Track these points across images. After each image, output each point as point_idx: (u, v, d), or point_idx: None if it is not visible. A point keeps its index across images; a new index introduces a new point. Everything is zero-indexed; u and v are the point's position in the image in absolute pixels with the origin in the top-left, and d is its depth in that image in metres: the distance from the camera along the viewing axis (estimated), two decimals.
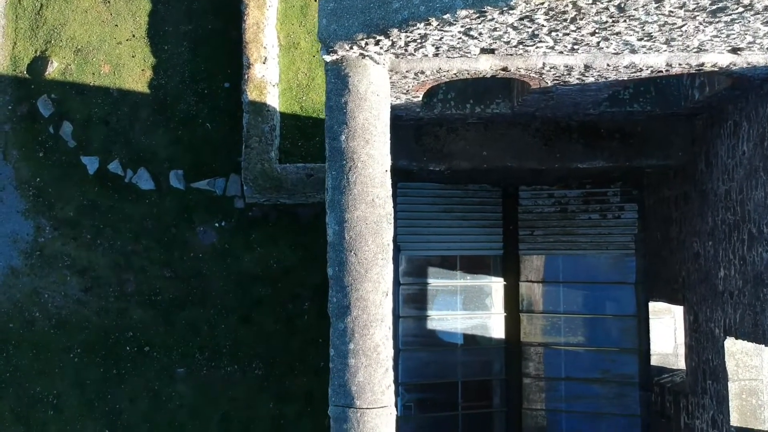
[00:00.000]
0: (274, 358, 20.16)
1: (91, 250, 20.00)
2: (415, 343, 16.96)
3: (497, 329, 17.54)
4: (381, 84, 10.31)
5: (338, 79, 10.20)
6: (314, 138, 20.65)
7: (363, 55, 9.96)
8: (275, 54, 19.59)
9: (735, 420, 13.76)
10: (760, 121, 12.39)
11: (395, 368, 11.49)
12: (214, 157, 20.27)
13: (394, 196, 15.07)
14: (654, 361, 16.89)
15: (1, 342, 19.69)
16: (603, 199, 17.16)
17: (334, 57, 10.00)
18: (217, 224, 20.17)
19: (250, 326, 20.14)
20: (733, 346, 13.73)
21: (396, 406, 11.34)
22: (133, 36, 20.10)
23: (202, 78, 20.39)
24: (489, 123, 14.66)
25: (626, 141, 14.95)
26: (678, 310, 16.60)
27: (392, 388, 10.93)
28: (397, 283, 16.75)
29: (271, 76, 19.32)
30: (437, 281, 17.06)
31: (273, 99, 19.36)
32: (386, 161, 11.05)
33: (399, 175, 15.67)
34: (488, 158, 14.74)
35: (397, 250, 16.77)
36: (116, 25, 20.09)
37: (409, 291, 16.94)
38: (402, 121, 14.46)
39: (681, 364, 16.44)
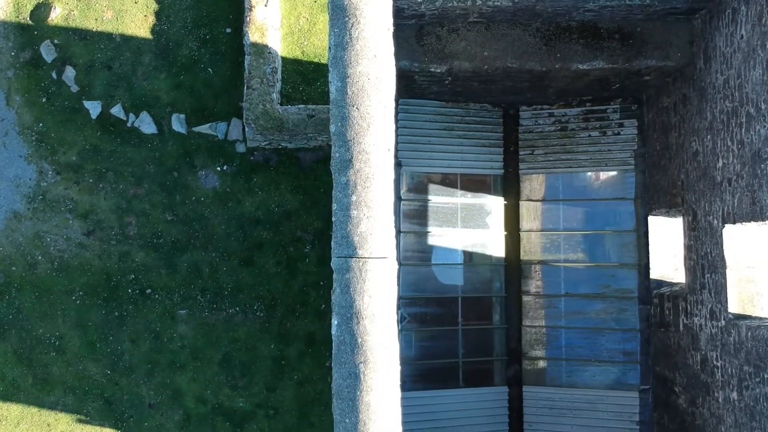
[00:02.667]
0: (275, 301, 20.22)
1: (94, 194, 20.12)
2: (415, 258, 17.06)
3: (497, 248, 17.66)
4: None
5: None
6: (316, 82, 20.87)
7: None
8: None
9: (733, 308, 13.86)
10: (758, 1, 12.61)
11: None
12: (216, 101, 20.46)
13: (395, 112, 15.23)
14: (653, 275, 16.97)
15: (3, 285, 19.72)
16: (603, 116, 17.36)
17: None
18: (218, 168, 20.31)
19: (252, 269, 20.21)
20: (731, 234, 13.85)
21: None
22: None
23: (204, 23, 20.64)
24: (490, 23, 14.89)
25: (625, 42, 15.19)
26: (677, 224, 16.75)
27: (394, 241, 11.04)
28: (398, 198, 16.90)
29: (273, 20, 19.57)
30: (438, 198, 17.19)
31: (274, 42, 19.60)
32: (389, 20, 11.25)
33: (400, 90, 15.85)
34: (489, 59, 14.95)
35: (398, 165, 16.94)
36: None
37: (410, 207, 17.07)
38: (403, 19, 14.69)
39: (680, 278, 16.54)
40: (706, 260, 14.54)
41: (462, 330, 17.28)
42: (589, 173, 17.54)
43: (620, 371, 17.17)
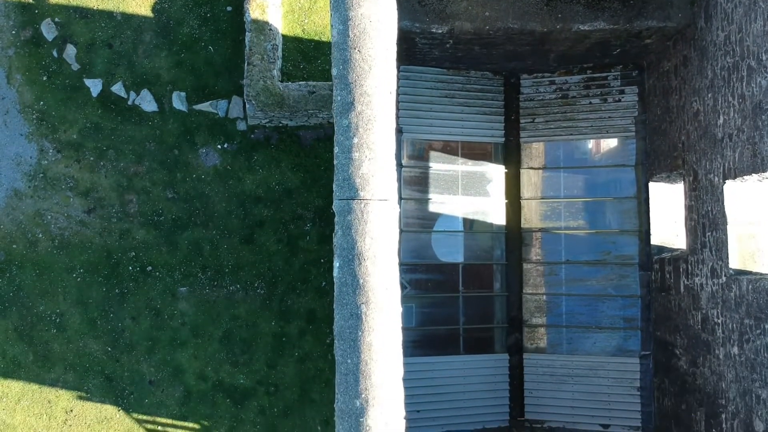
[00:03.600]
0: (276, 278, 20.23)
1: (94, 171, 20.16)
2: (416, 225, 17.08)
3: (498, 215, 17.69)
4: None
5: None
6: (316, 60, 20.94)
7: None
8: None
9: (734, 264, 13.88)
10: None
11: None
12: (217, 79, 20.53)
13: (396, 79, 15.27)
14: (654, 242, 17.00)
15: (4, 263, 19.73)
16: (603, 83, 17.41)
17: None
18: (219, 146, 20.35)
19: (253, 246, 20.23)
20: (732, 190, 13.90)
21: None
22: None
23: (204, 1, 20.72)
24: None
25: (626, 2, 15.25)
26: (678, 190, 16.80)
27: (395, 184, 11.08)
28: (399, 165, 16.94)
29: None
30: (438, 165, 17.23)
31: (275, 19, 19.67)
32: None
33: (401, 56, 15.90)
34: (490, 19, 15.00)
35: (399, 132, 16.99)
36: None
37: (411, 174, 17.11)
38: None
39: (681, 244, 16.57)
40: (707, 218, 14.57)
41: (463, 297, 17.29)
42: (590, 141, 17.56)
43: (621, 338, 17.18)
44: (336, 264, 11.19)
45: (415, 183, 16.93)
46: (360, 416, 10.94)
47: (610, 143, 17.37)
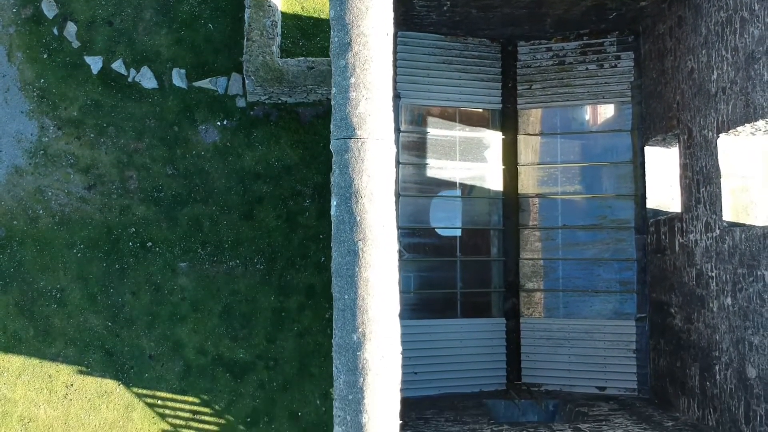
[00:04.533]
0: (275, 253, 20.32)
1: (95, 148, 20.29)
2: (414, 190, 17.22)
3: (495, 181, 17.82)
4: None
5: None
6: (315, 38, 21.11)
7: None
8: None
9: (728, 217, 14.02)
10: None
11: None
12: (216, 56, 20.68)
13: (394, 45, 15.46)
14: (650, 206, 17.14)
15: (5, 239, 19.83)
16: (600, 49, 17.60)
17: None
18: (219, 123, 20.48)
19: (252, 222, 20.33)
20: (725, 144, 14.05)
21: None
22: None
23: None
24: None
25: None
26: (673, 153, 16.95)
27: (392, 125, 11.23)
28: (397, 130, 17.09)
29: None
30: (436, 131, 17.38)
31: None
32: None
33: (399, 22, 16.05)
34: None
35: (397, 98, 17.15)
36: None
37: (409, 139, 17.26)
38: None
39: (676, 208, 16.71)
40: (701, 174, 14.72)
41: (460, 262, 17.41)
42: (587, 107, 17.73)
43: (617, 301, 17.29)
44: (333, 202, 11.33)
45: (413, 148, 17.08)
46: (357, 350, 11.05)
47: (607, 109, 17.52)
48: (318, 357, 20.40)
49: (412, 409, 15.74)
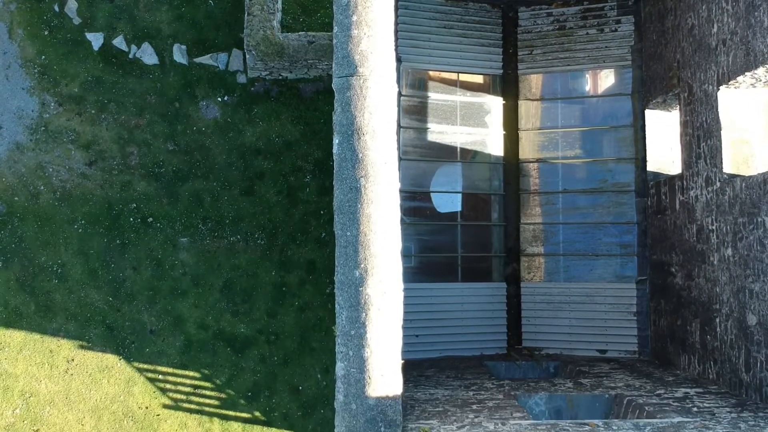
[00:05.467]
0: (276, 229, 20.37)
1: (96, 124, 20.36)
2: (414, 154, 17.27)
3: (496, 146, 17.88)
4: None
5: None
6: (316, 14, 21.22)
7: None
8: None
9: (728, 167, 14.08)
10: None
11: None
12: (217, 33, 20.78)
13: (395, 8, 15.53)
14: (650, 169, 17.20)
15: (5, 215, 19.87)
16: (600, 13, 17.70)
17: None
18: (219, 99, 20.57)
19: (253, 198, 20.38)
20: (725, 97, 14.12)
21: None
22: None
23: None
24: None
25: None
26: (674, 116, 17.02)
27: (394, 63, 11.30)
28: (398, 94, 17.16)
29: None
30: (437, 95, 17.44)
31: None
32: None
33: None
34: None
35: (398, 61, 17.23)
36: None
37: (410, 103, 17.32)
38: None
39: (676, 170, 16.77)
40: (701, 130, 14.78)
41: (461, 227, 17.44)
42: (587, 71, 17.82)
43: (617, 264, 17.33)
44: (335, 141, 11.38)
45: (413, 112, 17.14)
46: (359, 286, 11.09)
47: (607, 73, 17.61)
48: (319, 331, 20.41)
49: (413, 368, 15.74)
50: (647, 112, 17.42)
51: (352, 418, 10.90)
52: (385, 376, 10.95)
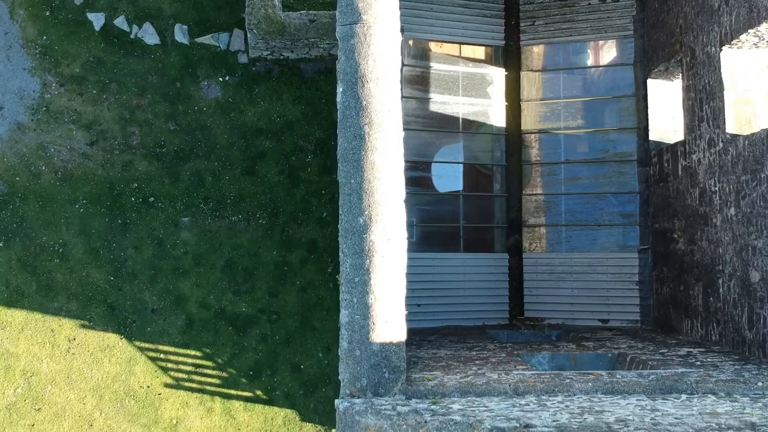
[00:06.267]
0: (277, 209, 20.37)
1: (97, 104, 20.38)
2: (417, 124, 17.27)
3: (498, 117, 17.88)
4: None
5: None
6: None
7: None
8: None
9: (731, 128, 14.10)
10: None
11: None
12: (218, 13, 20.81)
13: None
14: (652, 138, 17.21)
15: (7, 195, 19.87)
16: None
17: None
18: (221, 79, 20.60)
19: (254, 178, 20.40)
20: (728, 57, 14.15)
21: None
22: None
23: None
24: None
25: None
26: (675, 86, 17.05)
27: (397, 11, 11.32)
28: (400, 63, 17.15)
29: None
30: (440, 66, 17.46)
31: None
32: None
33: None
34: None
35: (401, 31, 17.20)
36: None
37: (412, 72, 17.34)
38: None
39: (678, 138, 16.78)
40: (704, 92, 14.80)
41: (463, 197, 17.43)
42: (589, 41, 17.83)
43: (620, 234, 17.32)
44: (339, 89, 11.39)
45: (416, 82, 17.16)
46: (363, 233, 11.08)
47: (609, 43, 17.63)
48: (320, 310, 20.39)
49: (416, 335, 15.71)
50: (649, 81, 17.44)
51: (356, 364, 10.87)
52: (389, 322, 10.92)
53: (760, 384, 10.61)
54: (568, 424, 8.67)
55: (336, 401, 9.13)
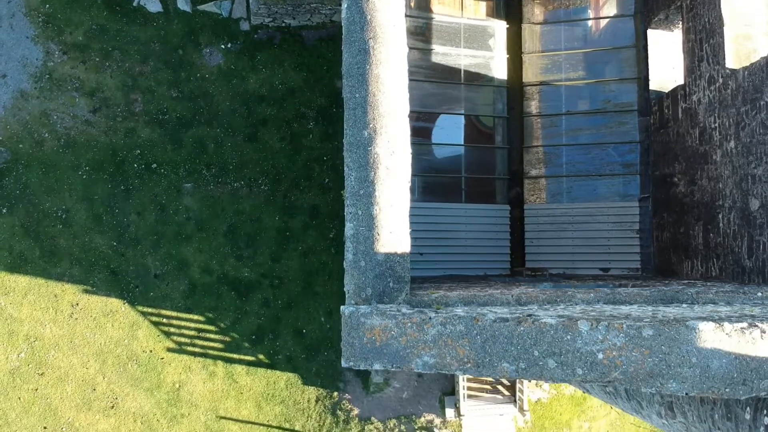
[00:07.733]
0: (279, 175, 20.44)
1: (100, 72, 20.49)
2: (419, 75, 17.35)
3: (499, 70, 17.96)
4: None
5: None
6: None
7: None
8: None
9: (730, 63, 14.20)
10: None
11: None
12: None
13: None
14: (652, 87, 17.29)
15: (10, 162, 19.94)
16: None
17: None
18: (223, 46, 20.72)
19: (256, 144, 20.48)
20: None
21: None
22: None
23: None
24: None
25: None
26: (675, 37, 17.16)
27: None
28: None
29: None
30: (442, 17, 17.53)
31: None
32: None
33: None
34: None
35: None
36: None
37: (415, 23, 17.41)
38: None
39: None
40: (704, 32, 14.90)
41: (465, 148, 17.49)
42: (588, 10, 17.88)
43: (620, 183, 17.36)
44: (344, 5, 11.44)
45: (418, 33, 17.24)
46: (368, 146, 11.11)
47: (608, 14, 17.70)
48: (322, 275, 20.41)
49: (417, 283, 15.72)
50: (649, 32, 17.52)
51: (361, 275, 10.88)
52: (393, 233, 10.95)
53: (759, 294, 10.64)
54: (571, 315, 8.76)
55: (341, 307, 9.17)
